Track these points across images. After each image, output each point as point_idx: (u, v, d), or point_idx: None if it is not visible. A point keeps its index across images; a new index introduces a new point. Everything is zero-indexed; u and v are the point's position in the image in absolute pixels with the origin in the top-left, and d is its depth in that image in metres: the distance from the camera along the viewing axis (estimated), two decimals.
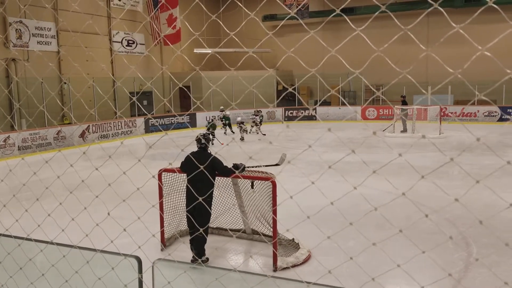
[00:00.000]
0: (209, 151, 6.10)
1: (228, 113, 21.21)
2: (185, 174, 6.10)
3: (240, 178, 6.17)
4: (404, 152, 12.25)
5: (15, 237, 2.89)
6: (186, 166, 5.99)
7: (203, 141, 6.02)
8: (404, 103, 19.52)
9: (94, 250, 2.48)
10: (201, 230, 5.12)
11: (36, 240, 2.77)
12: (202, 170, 3.62)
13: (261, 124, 20.36)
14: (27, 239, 2.80)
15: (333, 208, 5.75)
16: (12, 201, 4.03)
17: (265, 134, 19.84)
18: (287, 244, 6.46)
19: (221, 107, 21.04)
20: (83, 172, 3.20)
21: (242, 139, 18.61)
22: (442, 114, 18.55)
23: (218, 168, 5.84)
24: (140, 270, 2.41)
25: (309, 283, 2.10)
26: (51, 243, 2.69)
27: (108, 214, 2.77)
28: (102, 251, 2.49)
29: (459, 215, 7.54)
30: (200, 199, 3.12)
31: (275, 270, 5.79)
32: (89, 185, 3.57)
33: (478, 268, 5.79)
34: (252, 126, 20.26)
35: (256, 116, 20.16)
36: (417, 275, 4.73)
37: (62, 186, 4.60)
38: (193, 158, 5.45)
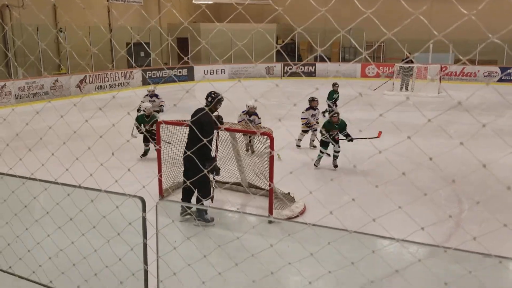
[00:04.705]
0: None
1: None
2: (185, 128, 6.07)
3: (238, 132, 6.20)
4: (401, 110, 12.22)
5: (20, 176, 2.92)
6: None
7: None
8: (408, 61, 19.23)
9: (99, 190, 2.53)
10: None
11: (40, 180, 2.81)
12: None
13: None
14: (31, 178, 2.84)
15: (330, 167, 5.72)
16: (16, 145, 4.05)
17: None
18: (283, 198, 6.56)
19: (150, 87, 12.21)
20: (90, 121, 3.19)
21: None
22: (442, 73, 18.39)
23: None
24: (144, 209, 2.47)
25: (305, 223, 2.17)
26: (55, 182, 2.73)
27: (113, 154, 2.78)
28: (107, 191, 2.54)
29: (454, 173, 7.67)
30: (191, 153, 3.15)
31: (270, 222, 5.92)
32: (92, 134, 3.57)
33: (469, 224, 5.94)
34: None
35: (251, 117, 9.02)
36: (409, 227, 4.85)
37: (65, 133, 4.61)
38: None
